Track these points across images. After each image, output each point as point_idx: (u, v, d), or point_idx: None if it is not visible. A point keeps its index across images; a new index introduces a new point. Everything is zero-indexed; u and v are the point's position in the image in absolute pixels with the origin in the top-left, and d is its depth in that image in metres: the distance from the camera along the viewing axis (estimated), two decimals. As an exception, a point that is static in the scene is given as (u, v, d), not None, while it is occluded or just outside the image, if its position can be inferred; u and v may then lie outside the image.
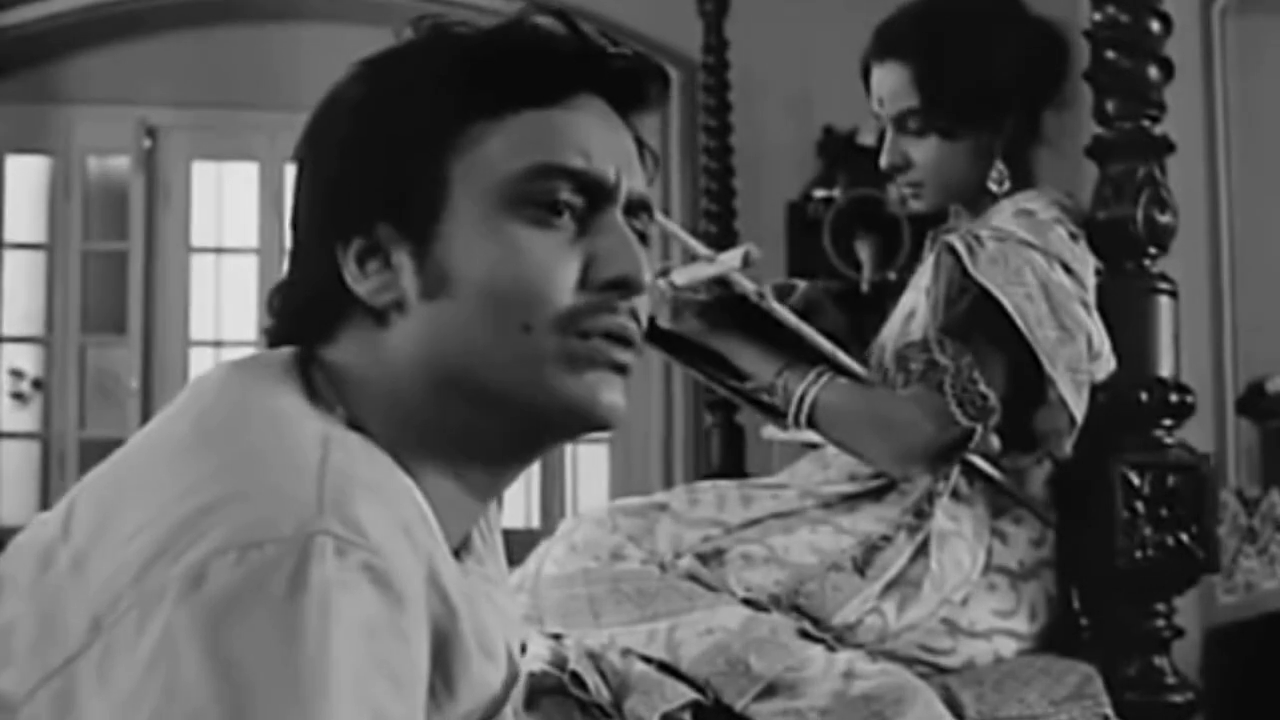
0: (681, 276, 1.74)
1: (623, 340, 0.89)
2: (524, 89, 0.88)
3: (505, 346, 0.86)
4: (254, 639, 0.69)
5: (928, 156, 1.77)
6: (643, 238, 0.93)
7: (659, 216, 2.06)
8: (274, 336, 0.93)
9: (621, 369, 0.90)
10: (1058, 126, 1.80)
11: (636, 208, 0.93)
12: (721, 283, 1.74)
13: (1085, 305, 1.66)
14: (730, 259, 1.72)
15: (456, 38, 0.91)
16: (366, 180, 0.88)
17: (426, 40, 0.92)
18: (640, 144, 0.95)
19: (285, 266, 0.95)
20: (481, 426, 0.89)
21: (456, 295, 0.87)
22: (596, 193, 0.89)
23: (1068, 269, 1.66)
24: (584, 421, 0.90)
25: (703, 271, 1.73)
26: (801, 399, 1.70)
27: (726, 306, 1.75)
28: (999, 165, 1.75)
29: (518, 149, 0.87)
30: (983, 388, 1.60)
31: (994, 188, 1.76)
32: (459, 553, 0.93)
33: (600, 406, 0.89)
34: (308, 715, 0.68)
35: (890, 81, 1.78)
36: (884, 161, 1.81)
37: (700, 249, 1.79)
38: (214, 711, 0.67)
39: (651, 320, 1.76)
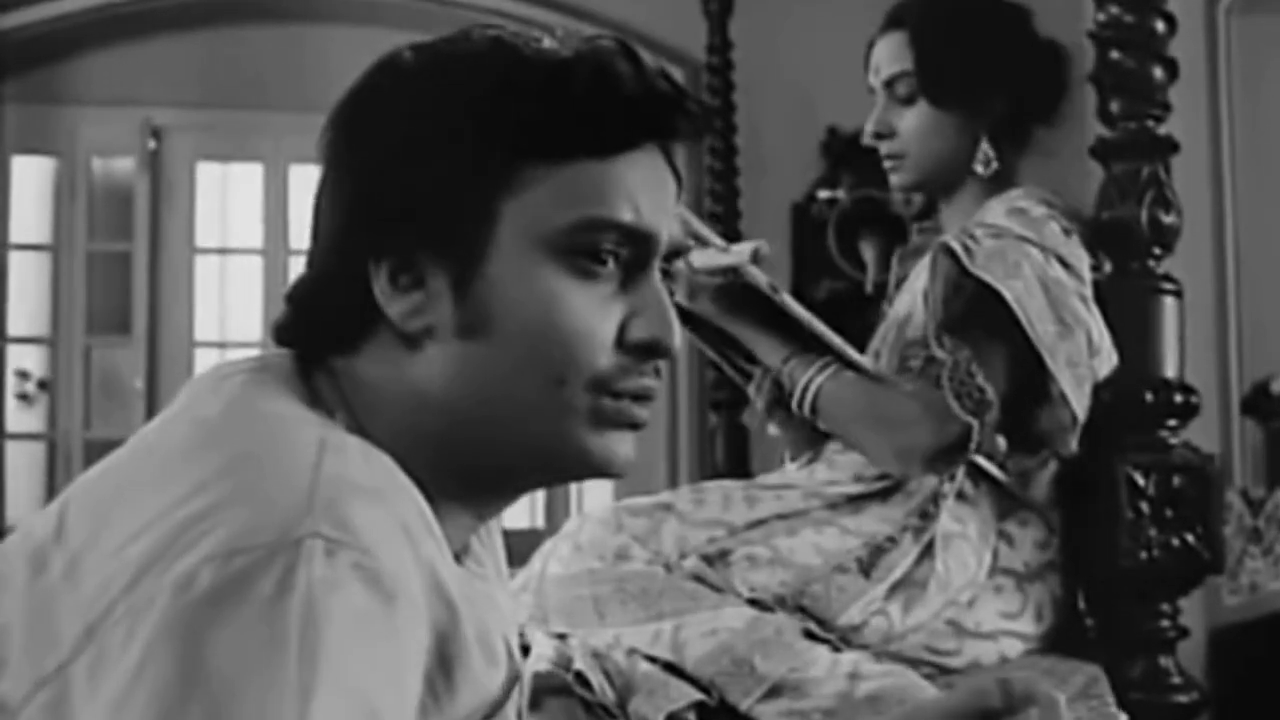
0: (700, 259, 1.76)
1: (643, 399, 0.91)
2: (587, 139, 0.87)
3: (536, 398, 0.87)
4: (236, 640, 0.69)
5: (912, 125, 1.79)
6: (666, 274, 0.94)
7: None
8: (289, 334, 0.92)
9: (637, 425, 0.91)
10: (1049, 140, 1.81)
11: (670, 256, 0.93)
12: (735, 272, 1.75)
13: (1083, 300, 1.66)
14: (741, 251, 1.73)
15: (523, 64, 0.88)
16: (411, 203, 0.86)
17: (487, 58, 0.88)
18: (674, 170, 0.94)
19: (304, 263, 0.93)
20: (493, 464, 0.90)
21: (494, 339, 0.86)
22: (642, 246, 0.89)
23: (1064, 264, 1.66)
24: (597, 473, 0.91)
25: (719, 259, 1.75)
26: (806, 387, 1.71)
27: (741, 293, 1.76)
28: (985, 147, 1.76)
29: (570, 199, 0.86)
30: (980, 381, 1.60)
31: (979, 169, 1.77)
32: (458, 556, 0.93)
33: (616, 463, 0.91)
34: (291, 715, 0.68)
35: (888, 48, 1.82)
36: (868, 129, 1.83)
37: (714, 238, 1.80)
38: (194, 713, 0.67)
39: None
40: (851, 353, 1.73)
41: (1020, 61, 1.78)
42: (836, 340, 1.74)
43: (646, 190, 0.89)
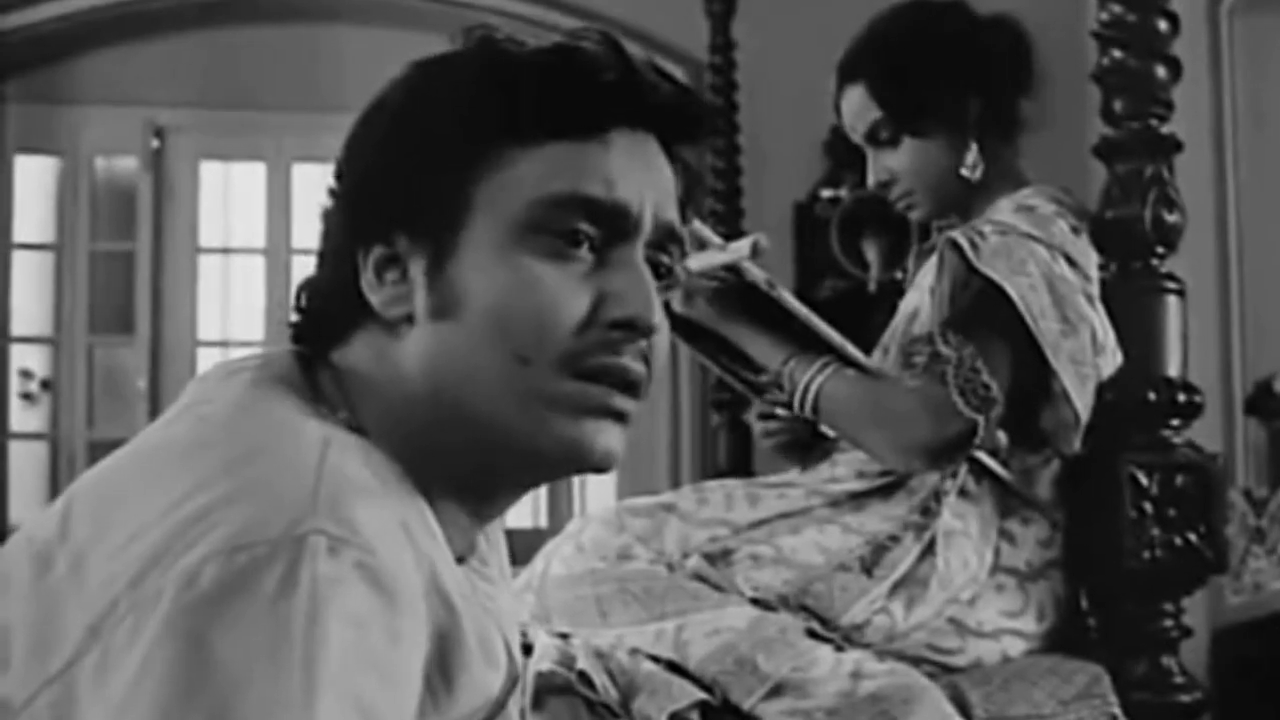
0: (696, 262, 1.75)
1: (624, 384, 0.88)
2: (559, 121, 0.87)
3: (502, 378, 0.86)
4: (241, 637, 0.69)
5: (906, 163, 1.80)
6: (669, 271, 0.92)
7: None
8: (296, 333, 0.94)
9: (620, 416, 0.89)
10: (1036, 112, 1.81)
11: (666, 240, 0.91)
12: (733, 270, 1.74)
13: (1089, 298, 1.66)
14: (739, 248, 1.73)
15: (502, 56, 0.89)
16: (392, 187, 0.88)
17: (472, 55, 0.91)
18: (685, 167, 0.93)
19: (315, 265, 0.95)
20: (474, 453, 0.88)
21: (463, 318, 0.86)
22: (616, 225, 0.88)
23: (1071, 261, 1.66)
24: (575, 466, 0.89)
25: (716, 258, 1.74)
26: (806, 388, 1.70)
27: (738, 294, 1.75)
28: (972, 150, 1.77)
29: (543, 179, 0.86)
30: (985, 377, 1.60)
31: (966, 173, 1.77)
32: (462, 557, 0.93)
33: (594, 454, 0.88)
34: (293, 712, 0.68)
35: (853, 104, 1.83)
36: (870, 181, 1.85)
37: (712, 237, 1.80)
38: (199, 709, 0.67)
39: (665, 303, 1.79)
40: (851, 350, 1.73)
41: (979, 55, 1.79)
42: (836, 337, 1.73)
43: (623, 170, 0.88)
